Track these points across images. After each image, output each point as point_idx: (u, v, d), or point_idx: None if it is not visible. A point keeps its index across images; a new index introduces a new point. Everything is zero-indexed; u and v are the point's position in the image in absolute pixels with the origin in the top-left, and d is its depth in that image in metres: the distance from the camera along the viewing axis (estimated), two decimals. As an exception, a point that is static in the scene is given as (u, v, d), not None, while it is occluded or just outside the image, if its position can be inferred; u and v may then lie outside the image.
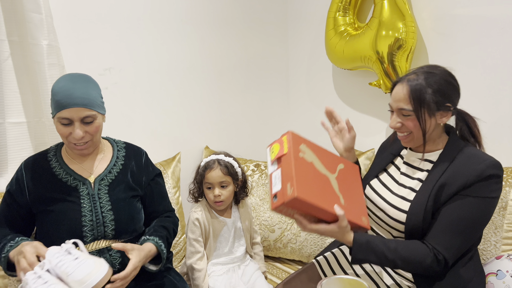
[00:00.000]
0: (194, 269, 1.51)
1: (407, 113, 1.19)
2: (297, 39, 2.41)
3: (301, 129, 2.48)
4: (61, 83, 1.24)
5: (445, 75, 1.20)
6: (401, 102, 1.19)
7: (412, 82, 1.18)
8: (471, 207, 1.13)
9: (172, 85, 2.05)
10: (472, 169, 1.13)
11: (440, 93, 1.17)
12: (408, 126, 1.21)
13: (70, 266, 1.09)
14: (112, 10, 1.82)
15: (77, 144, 1.28)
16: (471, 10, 1.65)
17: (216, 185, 1.54)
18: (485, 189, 1.13)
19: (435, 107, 1.17)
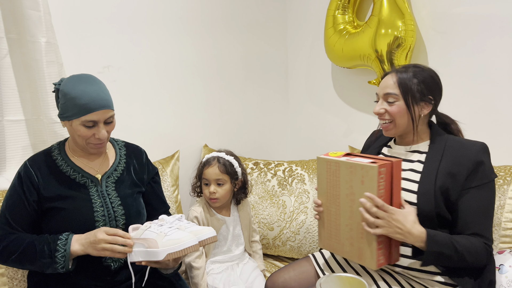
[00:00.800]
0: (192, 267, 1.51)
1: (393, 98, 1.28)
2: (296, 37, 2.41)
3: (300, 128, 2.48)
4: (80, 86, 1.23)
5: (432, 73, 1.31)
6: (388, 88, 1.29)
7: (401, 73, 1.29)
8: (486, 195, 1.22)
9: (171, 83, 2.04)
10: (469, 155, 1.23)
11: (424, 85, 1.28)
12: (391, 112, 1.28)
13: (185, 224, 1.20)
14: (111, 7, 1.81)
15: (96, 144, 1.29)
16: (471, 8, 1.65)
17: (213, 182, 1.54)
18: (486, 175, 1.22)
19: (419, 96, 1.27)
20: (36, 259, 1.20)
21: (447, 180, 1.22)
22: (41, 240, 1.23)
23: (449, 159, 1.24)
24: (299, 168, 1.97)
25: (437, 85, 1.31)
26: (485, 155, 1.24)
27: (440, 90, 1.32)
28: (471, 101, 1.70)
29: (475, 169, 1.21)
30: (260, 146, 2.41)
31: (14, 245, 1.22)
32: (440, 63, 1.78)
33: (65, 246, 1.20)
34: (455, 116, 1.74)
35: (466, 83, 1.71)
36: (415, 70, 1.30)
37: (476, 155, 1.22)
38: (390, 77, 1.31)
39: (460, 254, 1.15)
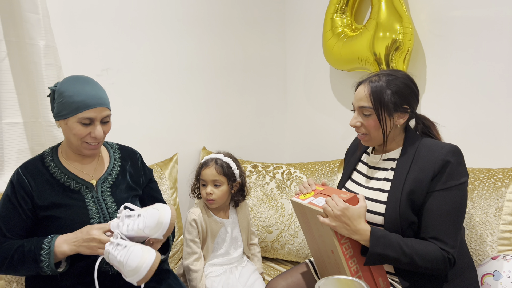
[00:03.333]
0: (190, 270, 1.50)
1: (368, 111, 1.25)
2: (294, 40, 2.42)
3: (298, 130, 2.49)
4: (77, 85, 1.23)
5: (406, 79, 1.27)
6: (362, 100, 1.26)
7: (374, 83, 1.25)
8: (451, 199, 1.18)
9: (169, 86, 2.04)
10: (435, 158, 1.20)
11: (398, 95, 1.24)
12: (367, 125, 1.27)
13: (140, 222, 1.17)
14: (109, 10, 1.82)
15: (91, 144, 1.28)
16: (468, 12, 1.66)
17: (210, 183, 1.54)
18: (453, 178, 1.18)
19: (393, 107, 1.24)
20: (25, 261, 1.19)
21: (413, 185, 1.20)
22: (29, 241, 1.22)
23: (418, 164, 1.22)
24: (298, 170, 1.97)
25: (412, 92, 1.27)
26: (454, 156, 1.20)
27: (416, 96, 1.29)
28: (469, 104, 1.71)
29: (441, 171, 1.18)
30: (258, 149, 2.41)
31: (5, 251, 1.21)
32: (438, 66, 1.78)
33: (49, 244, 1.19)
34: (453, 119, 1.75)
35: (464, 86, 1.71)
36: (388, 79, 1.25)
37: (443, 156, 1.19)
38: (363, 87, 1.27)
39: (408, 257, 1.14)
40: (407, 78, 1.28)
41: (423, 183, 1.20)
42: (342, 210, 1.14)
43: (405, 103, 1.25)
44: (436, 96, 1.80)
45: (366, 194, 1.32)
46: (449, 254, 1.15)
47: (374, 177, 1.35)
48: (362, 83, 1.30)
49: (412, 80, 1.28)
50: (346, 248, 1.16)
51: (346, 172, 1.47)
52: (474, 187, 1.50)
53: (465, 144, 1.71)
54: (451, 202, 1.18)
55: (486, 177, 1.50)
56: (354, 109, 1.31)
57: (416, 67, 1.84)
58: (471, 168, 1.57)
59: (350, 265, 1.16)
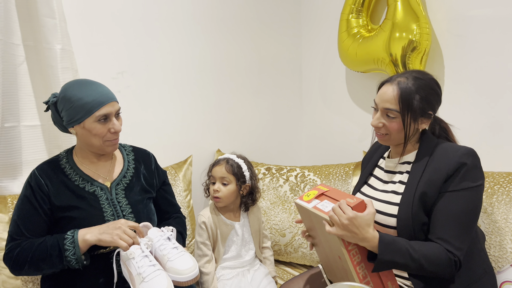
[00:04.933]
0: (202, 272, 1.50)
1: (393, 114, 1.21)
2: (310, 41, 2.40)
3: (314, 132, 2.46)
4: (82, 87, 1.25)
5: (433, 84, 1.23)
6: (388, 102, 1.21)
7: (402, 85, 1.20)
8: (463, 201, 1.14)
9: (184, 88, 2.06)
10: (449, 160, 1.17)
11: (426, 101, 1.20)
12: (390, 127, 1.23)
13: (172, 253, 1.20)
14: (124, 14, 1.84)
15: (112, 141, 1.30)
16: (487, 11, 1.61)
17: (218, 180, 1.55)
18: (468, 180, 1.15)
19: (420, 113, 1.21)
20: (47, 255, 1.20)
21: (426, 187, 1.18)
22: (51, 237, 1.24)
23: (432, 166, 1.20)
24: (312, 173, 1.95)
25: (438, 97, 1.24)
26: (469, 158, 1.16)
27: (440, 100, 1.25)
28: (489, 105, 1.65)
29: (455, 173, 1.15)
30: (273, 151, 2.40)
31: (27, 249, 1.22)
32: (456, 67, 1.73)
33: (72, 233, 1.21)
34: (472, 121, 1.70)
35: (484, 87, 1.66)
36: (419, 84, 1.20)
37: (458, 158, 1.16)
38: (391, 88, 1.22)
39: (416, 261, 1.10)
40: (434, 82, 1.24)
41: (436, 184, 1.17)
42: (350, 219, 1.10)
43: (430, 108, 1.22)
44: (454, 97, 1.76)
45: (380, 196, 1.30)
46: (455, 256, 1.11)
47: (389, 181, 1.32)
48: (388, 82, 1.24)
49: (439, 85, 1.25)
50: (353, 255, 1.13)
51: (362, 177, 1.45)
52: (493, 192, 1.44)
53: (484, 147, 1.66)
54: (463, 203, 1.14)
55: (506, 181, 1.44)
56: (376, 108, 1.26)
57: (434, 67, 1.80)
58: (491, 171, 1.52)
59: (358, 271, 1.13)
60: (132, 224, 1.22)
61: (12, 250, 1.23)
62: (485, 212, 1.43)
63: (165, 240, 1.23)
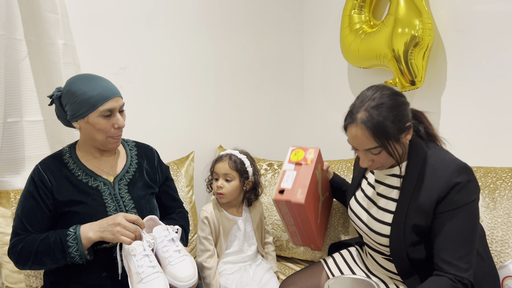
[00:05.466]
0: (204, 267, 1.51)
1: (376, 150, 1.16)
2: (312, 37, 2.39)
3: (316, 128, 2.46)
4: (86, 82, 1.25)
5: (392, 100, 1.15)
6: (365, 144, 1.16)
7: (368, 122, 1.13)
8: (461, 219, 1.12)
9: (186, 84, 2.06)
10: (440, 181, 1.13)
11: (398, 120, 1.14)
12: (380, 160, 1.18)
13: (173, 257, 1.19)
14: (127, 10, 1.84)
15: (115, 137, 1.30)
16: (490, 6, 1.60)
17: (221, 176, 1.55)
18: (463, 197, 1.11)
19: (399, 133, 1.15)
20: (51, 251, 1.20)
21: (419, 208, 1.16)
22: (53, 232, 1.24)
23: (423, 185, 1.16)
24: (314, 169, 1.95)
25: (405, 105, 1.18)
26: (461, 176, 1.12)
27: (408, 106, 1.19)
28: (492, 101, 1.65)
29: (448, 193, 1.12)
30: (275, 147, 2.40)
31: (30, 244, 1.22)
32: (459, 62, 1.73)
33: (75, 229, 1.21)
34: (475, 116, 1.69)
35: (487, 82, 1.66)
36: (380, 110, 1.13)
37: (448, 178, 1.12)
38: (359, 129, 1.14)
39: None
40: (392, 94, 1.17)
41: (428, 205, 1.14)
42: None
43: (406, 121, 1.16)
44: (457, 92, 1.75)
45: (374, 212, 1.28)
46: (463, 279, 1.09)
47: (381, 193, 1.29)
48: (352, 123, 1.17)
49: (397, 93, 1.18)
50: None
51: (356, 179, 1.43)
52: (496, 187, 1.44)
53: (487, 142, 1.66)
54: (461, 222, 1.12)
55: (508, 177, 1.44)
56: (354, 149, 1.22)
57: (436, 63, 1.79)
58: (493, 167, 1.52)
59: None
60: (131, 218, 1.21)
61: (16, 245, 1.24)
62: (487, 208, 1.43)
63: (169, 241, 1.22)
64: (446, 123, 1.80)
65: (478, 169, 1.54)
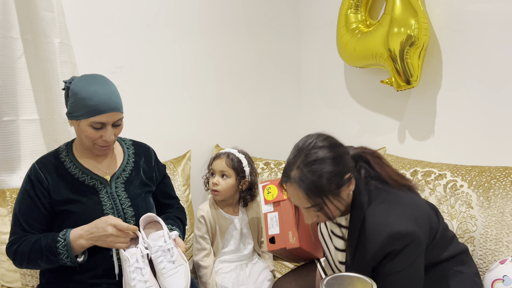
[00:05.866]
0: (200, 266, 1.51)
1: (315, 209, 1.09)
2: (308, 37, 2.40)
3: (313, 128, 2.46)
4: (91, 87, 1.22)
5: (330, 151, 1.08)
6: (303, 203, 1.09)
7: (300, 182, 1.06)
8: (399, 284, 1.09)
9: (183, 83, 2.06)
10: (373, 250, 1.08)
11: (335, 174, 1.06)
12: (324, 217, 1.11)
13: (167, 269, 1.19)
14: (124, 8, 1.84)
15: (102, 146, 1.29)
16: (486, 5, 1.61)
17: (217, 173, 1.55)
18: (397, 265, 1.07)
19: (337, 188, 1.07)
20: (43, 255, 1.21)
21: (365, 267, 1.11)
22: (46, 236, 1.24)
23: (361, 249, 1.11)
24: (310, 168, 1.96)
25: (343, 156, 1.10)
26: (394, 244, 1.05)
27: (347, 156, 1.12)
28: (487, 100, 1.66)
29: (379, 263, 1.09)
30: (271, 147, 2.40)
31: (25, 245, 1.23)
32: (455, 62, 1.74)
33: (64, 236, 1.21)
34: (470, 115, 1.70)
35: (482, 82, 1.67)
36: (314, 169, 1.05)
37: (380, 249, 1.07)
38: (294, 189, 1.08)
39: None
40: (329, 146, 1.09)
41: (368, 266, 1.11)
42: None
43: (345, 172, 1.08)
44: (452, 92, 1.76)
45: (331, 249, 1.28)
46: None
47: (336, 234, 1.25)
48: (286, 182, 1.10)
49: (334, 143, 1.12)
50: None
51: None
52: (490, 186, 1.45)
53: (482, 141, 1.67)
54: (407, 282, 1.08)
55: (502, 176, 1.45)
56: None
57: (432, 62, 1.80)
58: (488, 166, 1.53)
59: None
60: (121, 227, 1.20)
61: (12, 245, 1.25)
62: (482, 206, 1.44)
63: (163, 251, 1.21)
64: (441, 122, 1.82)
65: (472, 168, 1.55)
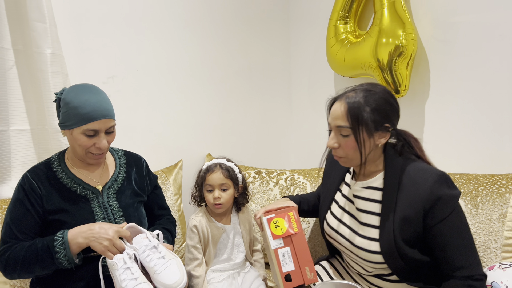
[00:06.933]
0: (192, 275, 1.50)
1: (346, 131, 1.15)
2: (299, 46, 2.43)
3: (303, 136, 2.49)
4: (82, 95, 1.24)
5: (385, 94, 1.16)
6: (338, 119, 1.16)
7: (350, 99, 1.14)
8: (455, 225, 1.11)
9: (174, 92, 2.07)
10: (422, 193, 1.11)
11: (378, 112, 1.13)
12: (345, 147, 1.16)
13: (158, 265, 1.19)
14: (115, 19, 1.85)
15: (96, 154, 1.29)
16: (471, 17, 1.66)
17: (217, 187, 1.54)
18: (449, 206, 1.11)
19: (373, 126, 1.13)
20: (38, 257, 1.20)
21: (405, 229, 1.13)
22: (41, 239, 1.24)
23: (405, 199, 1.14)
24: (301, 176, 1.97)
25: (393, 108, 1.17)
26: (442, 187, 1.10)
27: (397, 113, 1.19)
28: (473, 109, 1.70)
29: (432, 207, 1.11)
30: (263, 155, 2.42)
31: (17, 252, 1.22)
32: (442, 72, 1.77)
33: (62, 234, 1.21)
34: (457, 124, 1.74)
35: (468, 91, 1.70)
36: (366, 95, 1.14)
37: (430, 191, 1.10)
38: (339, 105, 1.16)
39: None
40: (386, 93, 1.17)
41: (414, 217, 1.12)
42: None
43: (386, 121, 1.15)
44: (440, 101, 1.80)
45: (357, 229, 1.25)
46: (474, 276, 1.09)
47: (361, 208, 1.25)
48: (337, 99, 1.19)
49: (392, 95, 1.19)
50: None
51: (329, 193, 1.40)
52: (477, 193, 1.48)
53: (469, 149, 1.70)
54: (456, 227, 1.11)
55: (490, 183, 1.48)
56: (331, 129, 1.20)
57: (420, 72, 1.84)
58: (475, 174, 1.56)
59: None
60: (124, 235, 1.23)
61: (4, 253, 1.23)
62: (469, 213, 1.46)
63: (151, 249, 1.22)
64: (430, 131, 1.85)
65: (460, 175, 1.58)
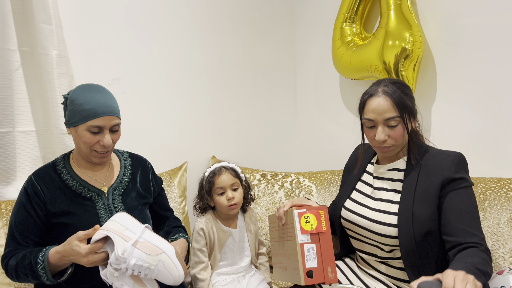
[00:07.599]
0: (197, 279, 1.50)
1: (395, 121, 1.23)
2: (304, 49, 2.42)
3: (308, 138, 2.48)
4: (88, 93, 1.24)
5: (406, 86, 1.30)
6: (387, 112, 1.23)
7: (390, 92, 1.24)
8: (467, 196, 1.21)
9: (179, 94, 2.06)
10: (442, 168, 1.22)
11: (411, 100, 1.27)
12: (395, 136, 1.25)
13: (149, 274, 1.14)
14: (121, 21, 1.85)
15: (100, 152, 1.29)
16: (478, 19, 1.65)
17: (228, 188, 1.54)
18: (466, 178, 1.23)
19: (414, 111, 1.28)
20: (27, 273, 1.19)
21: (424, 194, 1.23)
22: (31, 253, 1.21)
23: (426, 174, 1.24)
24: (307, 179, 1.96)
25: (413, 97, 1.32)
26: (460, 165, 1.23)
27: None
28: (480, 112, 1.68)
29: (451, 175, 1.21)
30: (268, 158, 2.41)
31: (13, 260, 1.23)
32: (448, 74, 1.76)
33: (43, 258, 1.18)
34: (464, 127, 1.73)
35: (475, 94, 1.69)
36: (399, 87, 1.26)
37: (453, 160, 1.23)
38: (382, 99, 1.24)
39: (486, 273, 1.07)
40: (407, 86, 1.30)
41: (433, 190, 1.21)
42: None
43: (415, 109, 1.29)
44: (446, 104, 1.78)
45: (375, 205, 1.31)
46: (484, 245, 1.14)
47: (381, 187, 1.34)
48: (373, 96, 1.26)
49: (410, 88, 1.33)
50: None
51: (350, 183, 1.46)
52: (485, 197, 1.47)
53: (476, 153, 1.69)
54: (468, 198, 1.20)
55: (498, 187, 1.46)
56: (373, 125, 1.27)
57: (426, 75, 1.83)
58: (483, 177, 1.54)
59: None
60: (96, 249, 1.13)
61: (4, 259, 1.25)
62: (477, 217, 1.45)
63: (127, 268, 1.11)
64: (436, 133, 1.83)
65: (468, 179, 1.56)
